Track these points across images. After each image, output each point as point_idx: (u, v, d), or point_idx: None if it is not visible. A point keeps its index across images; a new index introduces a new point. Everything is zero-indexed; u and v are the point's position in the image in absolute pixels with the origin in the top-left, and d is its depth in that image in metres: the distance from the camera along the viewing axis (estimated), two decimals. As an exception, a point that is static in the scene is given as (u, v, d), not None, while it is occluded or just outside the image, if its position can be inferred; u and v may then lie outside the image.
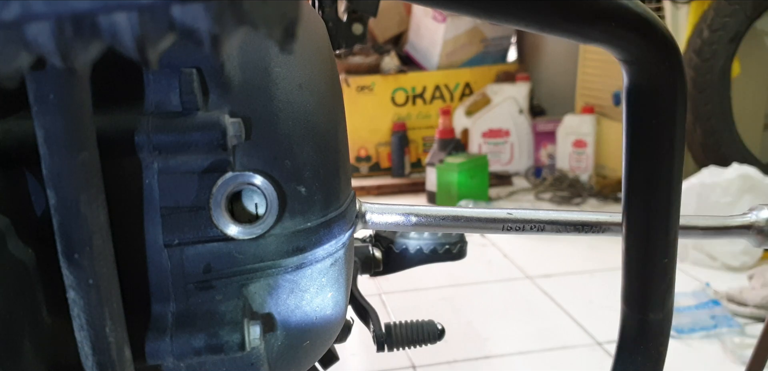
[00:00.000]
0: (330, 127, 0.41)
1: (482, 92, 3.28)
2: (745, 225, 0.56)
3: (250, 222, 0.37)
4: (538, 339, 1.63)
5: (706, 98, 2.33)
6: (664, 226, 0.51)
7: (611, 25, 0.45)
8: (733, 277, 1.89)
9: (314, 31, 0.43)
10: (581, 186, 2.90)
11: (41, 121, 0.25)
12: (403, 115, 3.34)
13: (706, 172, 2.07)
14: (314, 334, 0.43)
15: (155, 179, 0.36)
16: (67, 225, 0.27)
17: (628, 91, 0.49)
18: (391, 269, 0.64)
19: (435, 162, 2.88)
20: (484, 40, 3.42)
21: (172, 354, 0.36)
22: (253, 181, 0.37)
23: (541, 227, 0.53)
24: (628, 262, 0.53)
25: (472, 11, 0.45)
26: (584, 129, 2.95)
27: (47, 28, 0.19)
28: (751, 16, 2.30)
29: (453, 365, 1.52)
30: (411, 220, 0.51)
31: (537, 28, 0.45)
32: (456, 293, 1.93)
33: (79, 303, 0.29)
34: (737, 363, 1.45)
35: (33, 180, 0.36)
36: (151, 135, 0.35)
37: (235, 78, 0.37)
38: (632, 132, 0.50)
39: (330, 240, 0.40)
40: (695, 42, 2.35)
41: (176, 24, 0.19)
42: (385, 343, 0.60)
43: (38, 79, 0.24)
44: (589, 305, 1.79)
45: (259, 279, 0.39)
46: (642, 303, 0.54)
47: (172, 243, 0.37)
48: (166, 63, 0.36)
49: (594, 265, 2.07)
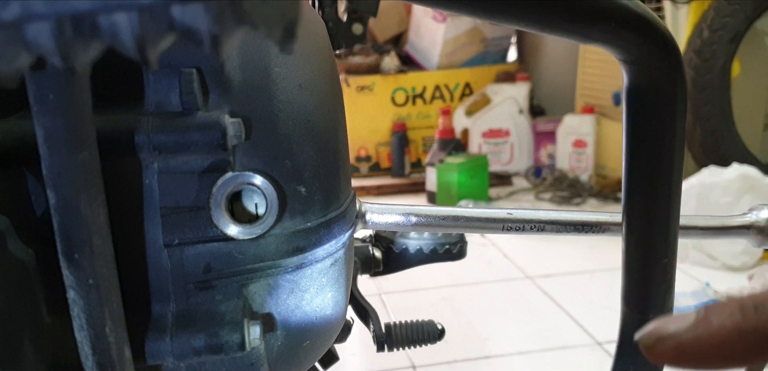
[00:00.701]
0: (330, 127, 0.41)
1: (482, 92, 3.28)
2: (745, 225, 0.56)
3: (250, 222, 0.37)
4: (538, 339, 1.63)
5: (706, 98, 2.33)
6: (664, 226, 0.51)
7: (611, 25, 0.45)
8: (733, 277, 1.89)
9: (314, 31, 0.43)
10: (581, 186, 2.90)
11: (41, 121, 0.25)
12: (403, 115, 3.34)
13: (706, 172, 2.07)
14: (314, 334, 0.43)
15: (155, 179, 0.36)
16: (67, 225, 0.27)
17: (628, 91, 0.49)
18: (391, 269, 0.64)
19: (435, 162, 2.88)
20: (484, 40, 3.42)
21: (172, 354, 0.36)
22: (253, 181, 0.37)
23: (541, 227, 0.53)
24: (628, 262, 0.53)
25: (472, 11, 0.45)
26: (584, 129, 2.94)
27: (47, 28, 0.19)
28: (751, 16, 2.30)
29: (453, 365, 1.52)
30: (411, 220, 0.51)
31: (537, 28, 0.45)
32: (456, 293, 1.93)
33: (79, 303, 0.29)
34: (737, 363, 1.45)
35: (33, 180, 0.36)
36: (151, 135, 0.35)
37: (235, 78, 0.37)
38: (632, 132, 0.50)
39: (330, 240, 0.40)
40: (695, 42, 2.35)
41: (176, 24, 0.19)
42: (385, 343, 0.60)
43: (38, 79, 0.24)
44: (589, 305, 1.79)
45: (259, 279, 0.39)
46: (642, 303, 0.54)
47: (172, 243, 0.37)
48: (166, 63, 0.36)
49: (594, 265, 2.06)
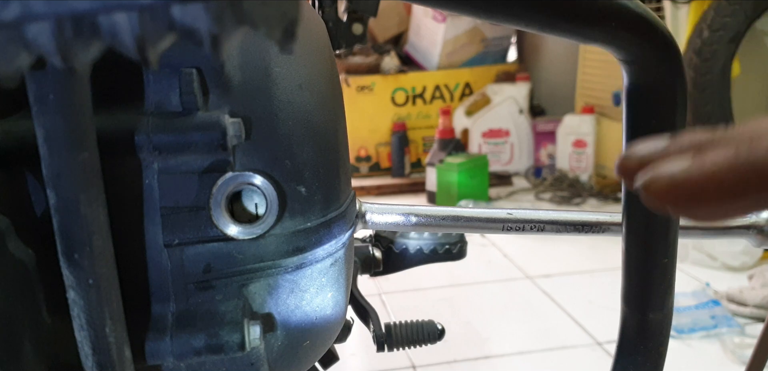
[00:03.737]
0: (330, 127, 0.41)
1: (482, 92, 3.28)
2: (745, 226, 0.56)
3: (250, 222, 0.37)
4: (538, 339, 1.63)
5: (706, 98, 2.33)
6: (664, 226, 0.51)
7: (611, 25, 0.45)
8: (733, 277, 1.89)
9: (314, 31, 0.43)
10: (581, 186, 2.90)
11: (41, 121, 0.25)
12: (403, 115, 3.34)
13: (706, 172, 2.07)
14: (314, 334, 0.43)
15: (155, 179, 0.36)
16: (67, 225, 0.27)
17: (628, 91, 0.49)
18: (391, 269, 0.64)
19: (435, 162, 2.88)
20: (484, 40, 3.42)
21: (172, 354, 0.36)
22: (253, 181, 0.37)
23: (541, 227, 0.53)
24: (628, 262, 0.53)
25: (472, 11, 0.45)
26: (584, 129, 2.95)
27: (47, 28, 0.19)
28: (751, 16, 2.30)
29: (453, 365, 1.52)
30: (411, 220, 0.51)
31: (537, 28, 0.45)
32: (456, 293, 1.93)
33: (79, 303, 0.29)
34: (737, 363, 1.45)
35: (33, 180, 0.36)
36: (151, 135, 0.35)
37: (235, 78, 0.37)
38: (632, 132, 0.50)
39: (330, 240, 0.40)
40: (695, 42, 2.35)
41: (176, 24, 0.19)
42: (385, 343, 0.60)
43: (38, 79, 0.24)
44: (589, 305, 1.79)
45: (259, 279, 0.39)
46: (642, 303, 0.54)
47: (172, 243, 0.37)
48: (166, 63, 0.36)
49: (594, 265, 2.06)
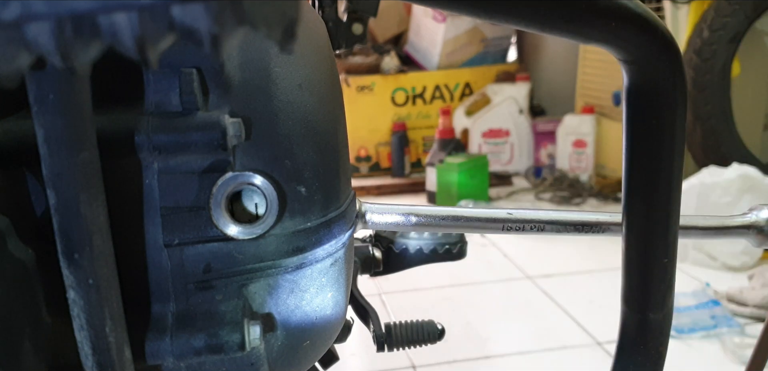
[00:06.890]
0: (330, 127, 0.41)
1: (482, 92, 3.28)
2: (745, 225, 0.56)
3: (250, 222, 0.37)
4: (538, 339, 1.63)
5: (706, 98, 2.33)
6: (664, 226, 0.51)
7: (611, 25, 0.45)
8: (733, 277, 1.89)
9: (314, 31, 0.43)
10: (581, 186, 2.90)
11: (41, 121, 0.25)
12: (403, 115, 3.34)
13: (706, 172, 2.07)
14: (314, 334, 0.43)
15: (155, 179, 0.36)
16: (67, 225, 0.27)
17: (628, 91, 0.49)
18: (391, 269, 0.64)
19: (435, 162, 2.88)
20: (484, 40, 3.42)
21: (172, 354, 0.36)
22: (253, 181, 0.37)
23: (541, 227, 0.53)
24: (628, 262, 0.53)
25: (472, 11, 0.45)
26: (584, 129, 2.95)
27: (47, 28, 0.19)
28: (751, 16, 2.30)
29: (453, 365, 1.52)
30: (411, 220, 0.51)
31: (537, 28, 0.45)
32: (456, 293, 1.93)
33: (79, 303, 0.29)
34: (737, 363, 1.45)
35: (33, 180, 0.36)
36: (151, 135, 0.35)
37: (235, 78, 0.37)
38: (632, 132, 0.50)
39: (330, 240, 0.40)
40: (695, 42, 2.35)
41: (176, 24, 0.19)
42: (385, 343, 0.60)
43: (38, 79, 0.24)
44: (589, 305, 1.79)
45: (259, 279, 0.39)
46: (642, 303, 0.54)
47: (172, 243, 0.37)
48: (166, 63, 0.36)
49: (594, 265, 2.07)
